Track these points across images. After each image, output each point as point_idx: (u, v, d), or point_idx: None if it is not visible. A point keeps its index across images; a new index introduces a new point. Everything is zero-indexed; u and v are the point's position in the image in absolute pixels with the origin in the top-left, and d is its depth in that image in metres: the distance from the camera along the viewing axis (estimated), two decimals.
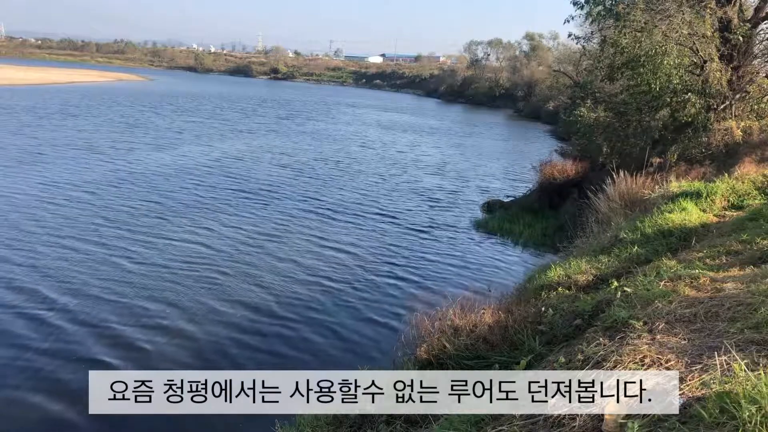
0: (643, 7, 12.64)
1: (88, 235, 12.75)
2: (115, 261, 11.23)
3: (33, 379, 7.09)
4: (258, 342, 8.40)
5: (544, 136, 42.74)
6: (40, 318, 8.71)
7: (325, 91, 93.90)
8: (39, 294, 9.55)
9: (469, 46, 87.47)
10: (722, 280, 4.14)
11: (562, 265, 7.02)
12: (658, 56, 12.20)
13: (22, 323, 8.55)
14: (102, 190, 16.89)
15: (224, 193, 17.56)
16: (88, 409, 2.71)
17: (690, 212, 7.82)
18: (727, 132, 12.42)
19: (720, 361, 2.39)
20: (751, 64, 13.94)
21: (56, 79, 68.41)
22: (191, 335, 8.43)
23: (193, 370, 7.38)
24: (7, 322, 8.56)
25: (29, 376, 7.17)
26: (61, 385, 6.96)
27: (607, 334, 3.32)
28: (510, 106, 70.17)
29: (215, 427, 6.03)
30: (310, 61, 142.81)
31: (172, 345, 8.13)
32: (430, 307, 6.71)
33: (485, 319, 5.07)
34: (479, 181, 23.23)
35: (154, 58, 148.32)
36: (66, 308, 9.09)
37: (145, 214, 14.67)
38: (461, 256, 13.14)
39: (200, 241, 12.77)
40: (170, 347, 8.05)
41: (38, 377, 7.15)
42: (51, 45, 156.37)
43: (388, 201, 18.25)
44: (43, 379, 7.10)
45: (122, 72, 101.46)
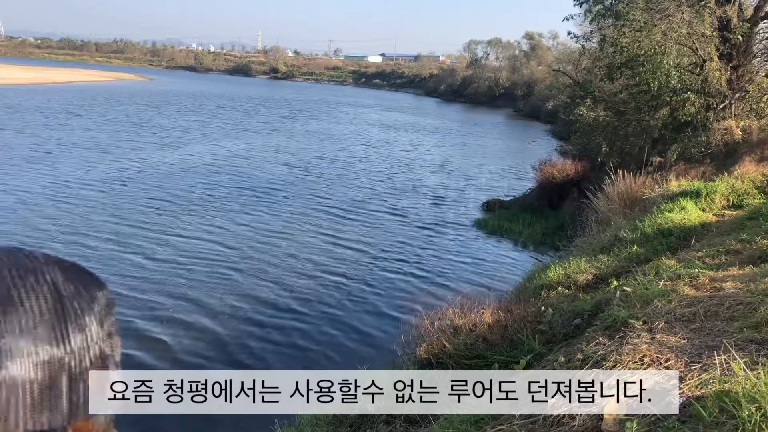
0: (642, 6, 12.65)
1: (101, 232, 12.90)
2: (129, 257, 11.39)
3: None
4: (257, 338, 8.41)
5: (544, 136, 42.73)
6: None
7: (325, 90, 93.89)
8: None
9: (468, 45, 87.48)
10: (722, 279, 4.14)
11: (561, 264, 7.03)
12: (657, 55, 12.20)
13: None
14: (112, 188, 17.07)
15: (232, 192, 17.67)
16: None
17: (689, 211, 7.83)
18: (726, 131, 12.43)
19: (719, 360, 2.40)
20: (750, 64, 13.95)
21: (56, 78, 68.37)
22: (205, 329, 8.59)
23: (218, 365, 7.45)
24: None
25: None
26: None
27: (606, 334, 3.32)
28: (510, 105, 70.09)
29: (216, 427, 6.04)
30: (310, 61, 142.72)
31: (189, 339, 8.26)
32: (429, 306, 6.72)
33: (485, 319, 5.07)
34: (479, 181, 23.23)
35: (154, 57, 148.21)
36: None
37: (156, 212, 14.83)
38: (461, 255, 13.15)
39: (212, 239, 12.89)
40: (188, 341, 8.19)
41: None
42: (50, 44, 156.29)
43: (387, 200, 18.25)
44: None
45: (121, 72, 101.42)
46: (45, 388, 0.48)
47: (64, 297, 0.50)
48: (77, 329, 0.50)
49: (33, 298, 0.48)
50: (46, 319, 0.48)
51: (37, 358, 0.47)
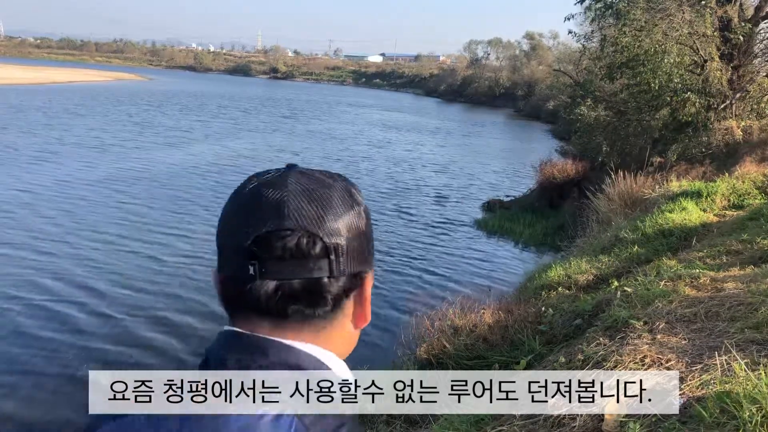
0: (643, 6, 12.64)
1: (115, 228, 13.08)
2: (145, 254, 11.53)
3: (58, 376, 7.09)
4: None
5: (544, 136, 42.71)
6: (70, 312, 8.83)
7: (325, 90, 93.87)
8: (74, 286, 9.78)
9: (468, 45, 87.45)
10: (722, 279, 4.14)
11: (562, 264, 7.03)
12: (658, 55, 12.20)
13: (57, 314, 8.69)
14: (121, 187, 17.19)
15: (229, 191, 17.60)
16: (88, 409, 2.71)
17: (690, 212, 7.82)
18: (727, 131, 12.42)
19: (720, 360, 2.39)
20: (751, 64, 13.94)
21: (56, 78, 68.37)
22: (205, 328, 8.63)
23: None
24: (39, 315, 8.67)
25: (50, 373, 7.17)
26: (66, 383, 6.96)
27: (607, 334, 3.32)
28: (510, 105, 70.06)
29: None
30: (310, 61, 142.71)
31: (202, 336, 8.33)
32: (429, 306, 6.72)
33: (485, 319, 5.07)
34: (479, 181, 23.22)
35: (153, 57, 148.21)
36: (105, 299, 9.34)
37: (168, 211, 15.00)
38: (461, 255, 13.14)
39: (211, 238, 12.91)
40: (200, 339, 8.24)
41: (64, 375, 7.15)
42: (50, 44, 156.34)
43: (387, 199, 18.25)
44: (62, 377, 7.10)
45: (121, 71, 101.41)
46: (355, 248, 0.76)
47: (352, 192, 0.79)
48: (361, 209, 0.78)
49: (337, 195, 0.76)
50: (348, 206, 0.76)
51: (349, 232, 0.74)
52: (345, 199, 0.76)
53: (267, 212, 0.72)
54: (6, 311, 8.80)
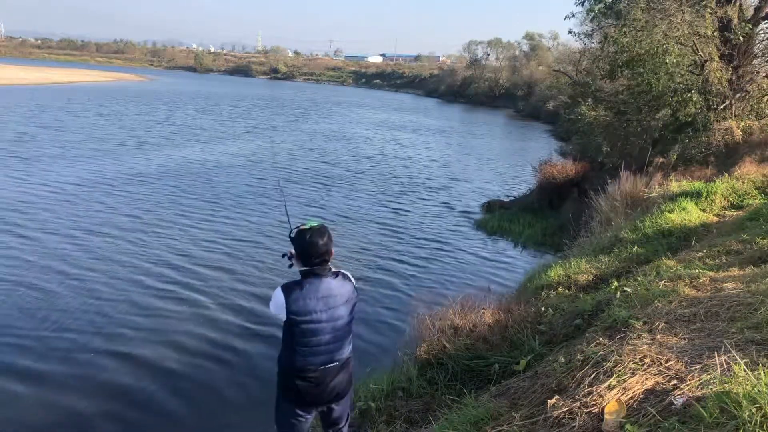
0: (643, 6, 12.64)
1: (136, 226, 13.43)
2: (161, 252, 11.79)
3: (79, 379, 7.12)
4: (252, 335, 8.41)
5: (544, 136, 42.72)
6: (84, 308, 8.92)
7: (325, 91, 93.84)
8: (86, 281, 9.95)
9: (468, 45, 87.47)
10: (722, 279, 4.14)
11: (562, 264, 7.03)
12: (658, 55, 12.20)
13: (74, 308, 8.85)
14: (135, 186, 17.56)
15: (246, 191, 18.08)
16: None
17: (690, 212, 7.83)
18: (727, 132, 12.42)
19: (720, 360, 2.39)
20: (751, 64, 13.93)
21: (57, 78, 68.38)
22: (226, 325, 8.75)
23: (231, 365, 7.40)
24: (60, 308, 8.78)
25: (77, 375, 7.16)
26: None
27: (607, 334, 3.32)
28: (510, 105, 70.08)
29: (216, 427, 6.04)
30: (310, 61, 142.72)
31: (212, 334, 8.44)
32: (430, 306, 6.70)
33: (485, 319, 5.07)
34: (479, 181, 23.22)
35: (154, 57, 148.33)
36: (121, 294, 9.52)
37: (184, 209, 15.35)
38: (461, 255, 13.14)
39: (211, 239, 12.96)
40: (211, 336, 8.36)
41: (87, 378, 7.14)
42: (51, 45, 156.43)
43: (387, 199, 18.24)
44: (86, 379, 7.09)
45: (122, 72, 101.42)
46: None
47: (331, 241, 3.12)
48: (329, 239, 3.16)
49: (328, 235, 3.12)
50: (331, 239, 3.17)
51: (332, 246, 3.21)
52: (330, 236, 3.12)
53: (322, 246, 3.07)
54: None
